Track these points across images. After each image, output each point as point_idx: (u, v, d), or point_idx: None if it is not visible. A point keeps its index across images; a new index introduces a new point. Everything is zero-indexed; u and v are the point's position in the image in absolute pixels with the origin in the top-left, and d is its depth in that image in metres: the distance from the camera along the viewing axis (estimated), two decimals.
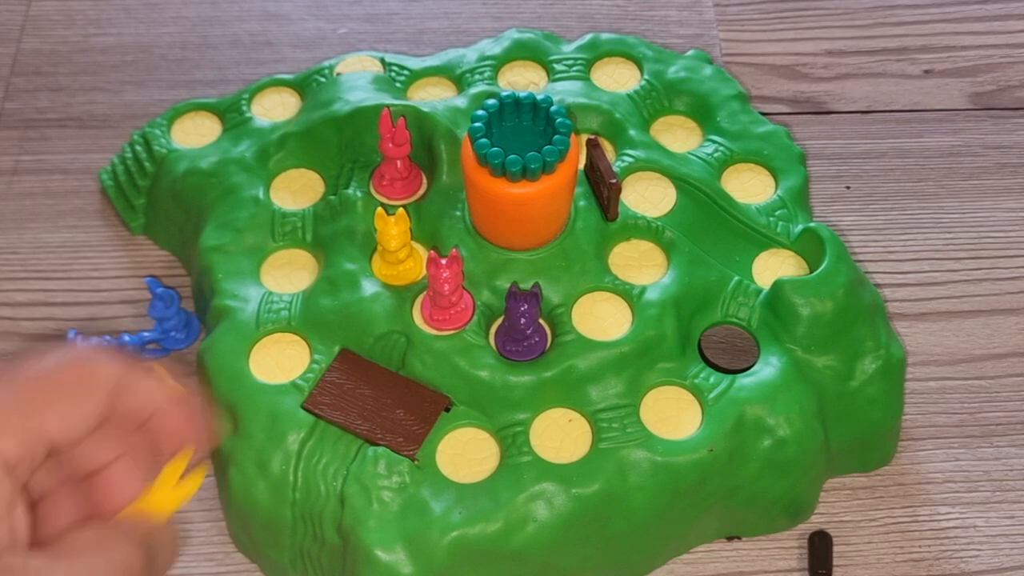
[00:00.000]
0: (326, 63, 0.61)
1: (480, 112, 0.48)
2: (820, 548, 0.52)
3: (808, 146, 0.65)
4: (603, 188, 0.52)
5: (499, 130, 0.49)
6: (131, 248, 0.61)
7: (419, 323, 0.51)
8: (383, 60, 0.62)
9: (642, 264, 0.53)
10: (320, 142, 0.57)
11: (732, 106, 0.59)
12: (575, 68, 0.61)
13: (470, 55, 0.62)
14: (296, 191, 0.57)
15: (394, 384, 0.50)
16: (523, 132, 0.49)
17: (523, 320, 0.49)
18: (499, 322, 0.51)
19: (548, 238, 0.52)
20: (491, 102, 0.48)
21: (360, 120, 0.57)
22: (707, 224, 0.55)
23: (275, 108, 0.60)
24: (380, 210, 0.51)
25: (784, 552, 0.52)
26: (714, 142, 0.58)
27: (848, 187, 0.64)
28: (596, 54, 0.61)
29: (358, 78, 0.59)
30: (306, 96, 0.60)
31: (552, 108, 0.48)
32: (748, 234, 0.55)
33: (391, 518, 0.47)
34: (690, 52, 0.63)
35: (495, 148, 0.47)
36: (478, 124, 0.48)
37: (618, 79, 0.61)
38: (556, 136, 0.48)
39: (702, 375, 0.50)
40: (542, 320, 0.51)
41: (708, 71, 0.61)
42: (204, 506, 0.53)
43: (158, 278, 0.58)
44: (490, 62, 0.61)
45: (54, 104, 0.67)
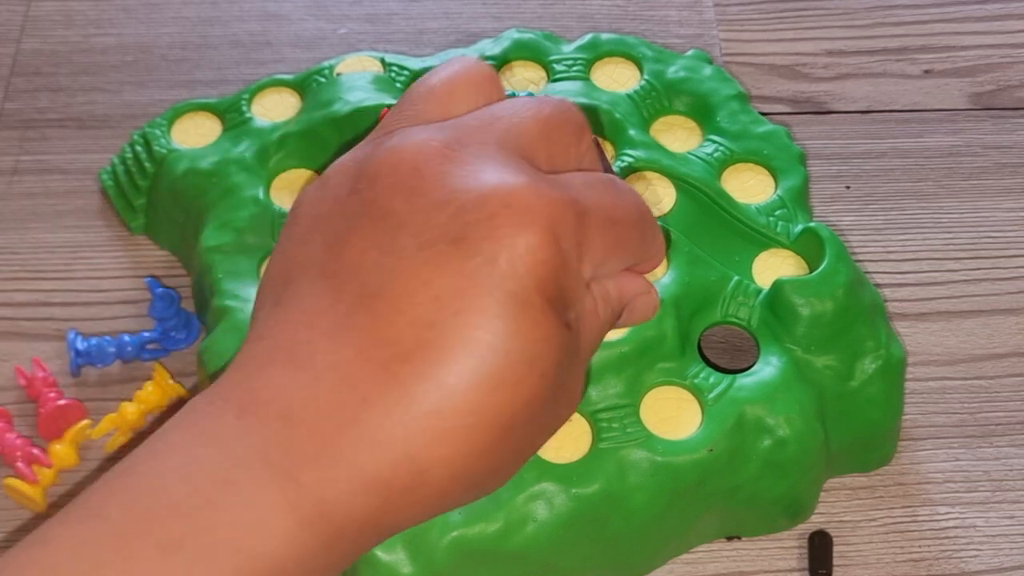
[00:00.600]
0: (326, 63, 0.61)
1: None
2: (820, 548, 0.52)
3: (808, 146, 0.65)
4: None
5: None
6: (131, 248, 0.61)
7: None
8: (383, 60, 0.62)
9: None
10: (320, 142, 0.57)
11: (732, 106, 0.59)
12: (575, 68, 0.61)
13: (470, 55, 0.62)
14: (296, 191, 0.57)
15: None
16: None
17: None
18: None
19: None
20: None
21: (360, 120, 0.57)
22: (707, 224, 0.55)
23: (275, 108, 0.60)
24: None
25: (784, 552, 0.52)
26: (714, 142, 0.58)
27: (848, 187, 0.64)
28: (596, 54, 0.62)
29: (358, 78, 0.59)
30: (306, 96, 0.60)
31: None
32: (748, 234, 0.55)
33: None
34: (690, 52, 0.63)
35: None
36: None
37: (618, 79, 0.61)
38: None
39: (702, 375, 0.50)
40: None
41: (708, 71, 0.61)
42: None
43: (158, 278, 0.58)
44: (490, 62, 0.61)
45: (54, 104, 0.67)
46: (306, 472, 0.30)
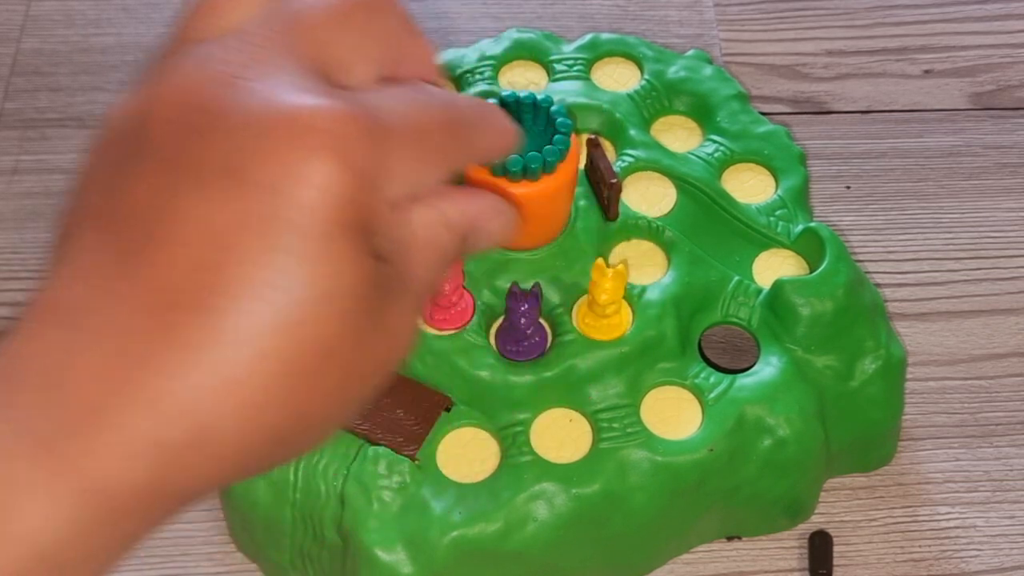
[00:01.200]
0: None
1: None
2: (820, 548, 0.52)
3: (808, 146, 0.65)
4: (603, 188, 0.52)
5: None
6: None
7: (419, 323, 0.51)
8: None
9: (642, 264, 0.53)
10: None
11: (732, 106, 0.59)
12: (575, 68, 0.61)
13: (470, 55, 0.61)
14: None
15: (394, 384, 0.50)
16: (523, 132, 0.49)
17: (523, 320, 0.49)
18: (499, 322, 0.51)
19: (548, 238, 0.52)
20: (491, 102, 0.48)
21: None
22: (707, 224, 0.55)
23: None
24: (600, 261, 0.49)
25: (784, 552, 0.52)
26: (714, 142, 0.58)
27: (848, 187, 0.64)
28: (596, 54, 0.61)
29: None
30: None
31: (552, 108, 0.48)
32: (748, 234, 0.55)
33: (391, 518, 0.47)
34: (690, 52, 0.63)
35: None
36: None
37: (618, 79, 0.61)
38: (556, 136, 0.48)
39: (702, 375, 0.50)
40: (542, 320, 0.51)
41: (708, 71, 0.61)
42: (204, 506, 0.53)
43: None
44: (490, 62, 0.61)
45: (54, 104, 0.67)
46: (70, 442, 0.27)
